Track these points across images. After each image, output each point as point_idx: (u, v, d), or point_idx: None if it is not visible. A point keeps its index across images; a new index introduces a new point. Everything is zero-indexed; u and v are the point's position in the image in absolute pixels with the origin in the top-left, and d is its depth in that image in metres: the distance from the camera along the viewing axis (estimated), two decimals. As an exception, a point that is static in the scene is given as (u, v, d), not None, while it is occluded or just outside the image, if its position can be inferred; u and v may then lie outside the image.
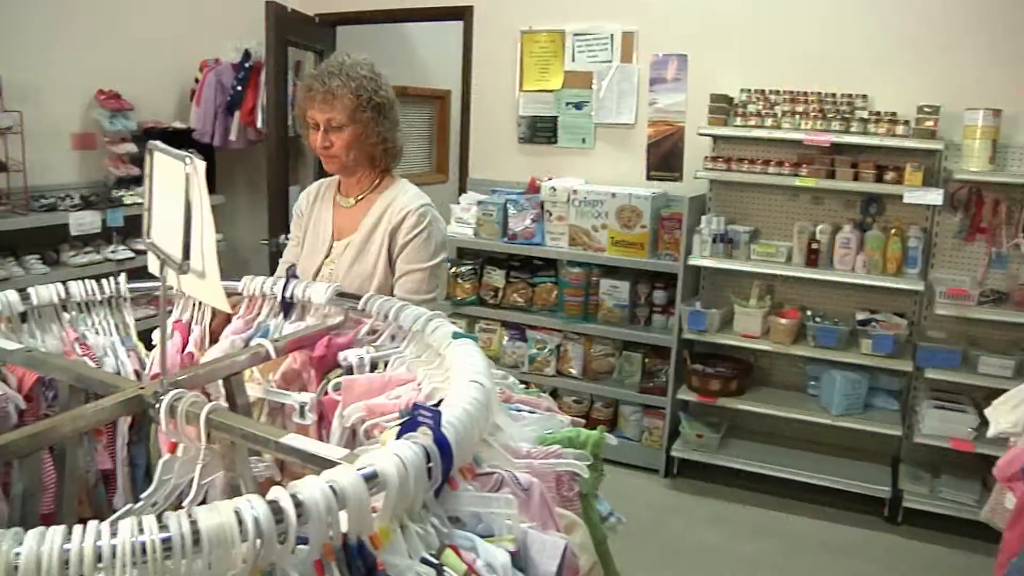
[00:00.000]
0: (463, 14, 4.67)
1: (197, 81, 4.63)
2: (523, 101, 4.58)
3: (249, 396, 1.63)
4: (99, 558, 0.79)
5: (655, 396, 4.12)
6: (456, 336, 1.46)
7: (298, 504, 0.87)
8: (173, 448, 1.32)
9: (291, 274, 1.85)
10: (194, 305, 1.87)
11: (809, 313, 3.92)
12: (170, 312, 1.88)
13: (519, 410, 1.44)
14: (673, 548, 3.49)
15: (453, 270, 4.62)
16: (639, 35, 4.22)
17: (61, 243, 4.04)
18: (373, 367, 1.66)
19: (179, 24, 4.65)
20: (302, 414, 1.58)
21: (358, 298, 1.77)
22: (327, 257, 2.30)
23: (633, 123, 4.29)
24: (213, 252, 1.18)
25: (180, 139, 4.49)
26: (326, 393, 1.59)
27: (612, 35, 4.26)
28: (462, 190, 4.88)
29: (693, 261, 3.90)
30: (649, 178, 4.28)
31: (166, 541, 0.81)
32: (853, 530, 3.69)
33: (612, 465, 4.22)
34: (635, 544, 3.40)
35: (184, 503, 1.28)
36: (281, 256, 2.44)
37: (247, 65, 4.53)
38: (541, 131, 4.58)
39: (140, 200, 4.09)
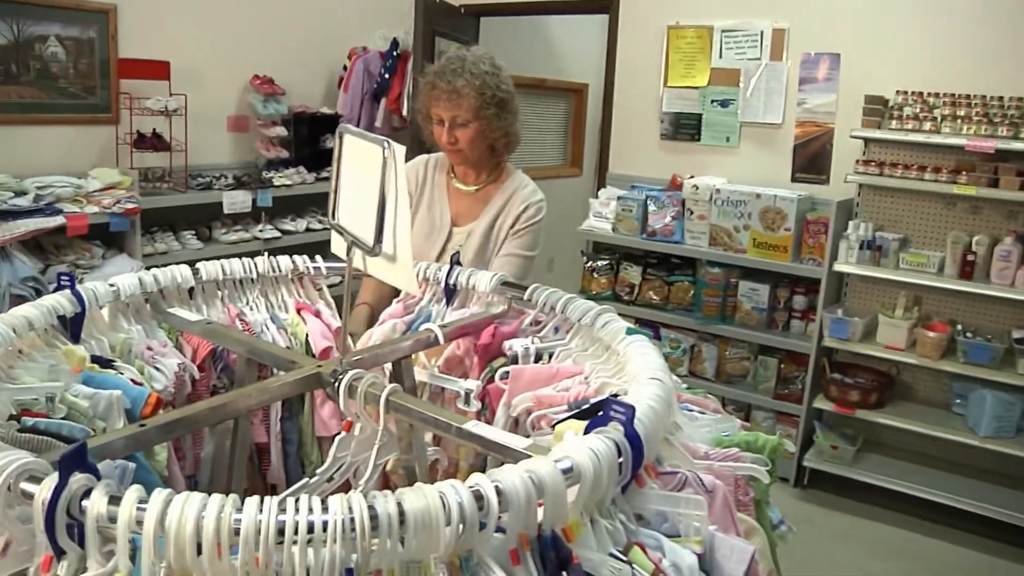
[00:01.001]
0: (608, 7, 4.62)
1: (345, 68, 4.76)
2: (667, 97, 4.51)
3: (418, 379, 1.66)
4: (311, 529, 0.81)
5: (790, 403, 3.99)
6: (630, 332, 1.43)
7: (499, 492, 0.87)
8: (349, 427, 1.35)
9: (455, 261, 1.86)
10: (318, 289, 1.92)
11: (960, 328, 3.70)
12: (348, 294, 1.93)
13: (690, 410, 1.41)
14: (800, 561, 3.36)
15: (588, 264, 4.61)
16: (790, 32, 4.07)
17: (214, 220, 4.24)
18: (538, 358, 1.66)
19: (331, 13, 4.80)
20: (467, 401, 1.59)
21: (523, 288, 1.77)
22: (447, 243, 2.32)
23: (780, 123, 4.15)
24: (407, 236, 1.19)
25: (327, 124, 4.65)
26: (491, 380, 1.60)
27: (762, 32, 4.13)
28: (600, 185, 4.86)
29: (838, 267, 3.74)
30: (794, 180, 4.14)
31: (374, 520, 0.82)
32: (994, 560, 3.47)
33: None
34: (764, 555, 3.30)
35: (360, 482, 1.31)
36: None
37: (395, 54, 4.64)
38: (684, 128, 4.49)
39: (289, 182, 4.26)
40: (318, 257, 1.98)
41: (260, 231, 4.31)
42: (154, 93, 3.87)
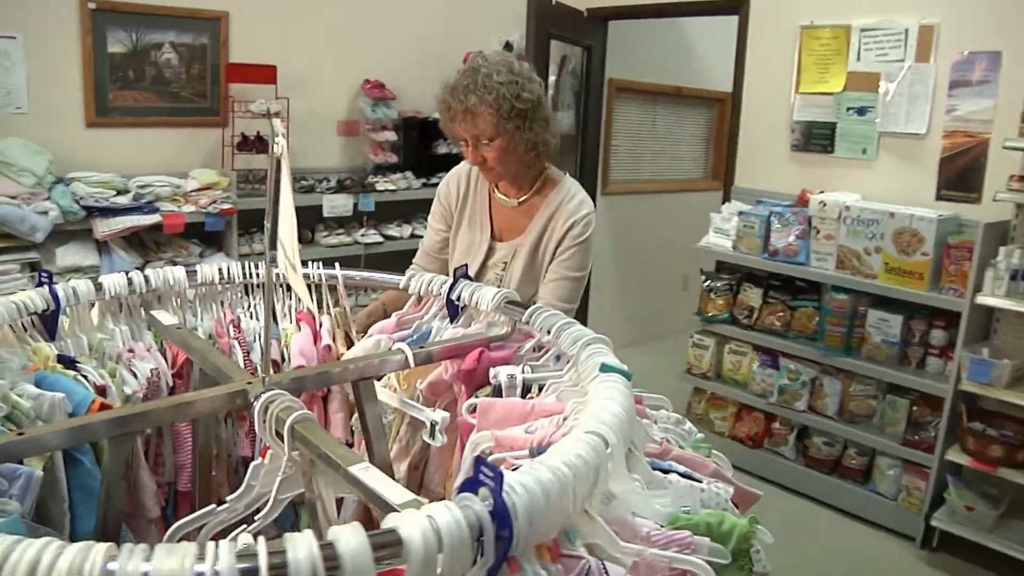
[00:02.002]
0: (738, 8, 4.28)
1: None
2: (799, 104, 4.10)
3: (388, 405, 1.48)
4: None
5: (920, 452, 3.49)
6: (605, 369, 1.18)
7: (275, 566, 0.67)
8: (265, 453, 1.19)
9: (460, 274, 1.67)
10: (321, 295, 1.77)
11: None
12: (268, 311, 1.79)
13: (668, 470, 1.14)
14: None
15: (707, 283, 4.29)
16: (940, 29, 3.58)
17: (318, 223, 4.25)
18: (526, 389, 1.44)
19: (446, 16, 4.73)
20: (432, 434, 1.39)
21: (524, 308, 1.55)
22: (488, 259, 2.17)
23: (924, 133, 3.66)
24: (293, 242, 1.04)
25: (436, 130, 4.57)
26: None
27: (907, 30, 3.66)
28: (725, 199, 4.51)
29: (982, 299, 3.23)
30: (940, 197, 3.63)
31: None
32: None
33: (859, 523, 3.69)
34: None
35: (257, 517, 1.14)
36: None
37: (507, 58, 4.49)
38: (817, 138, 4.07)
39: (392, 187, 4.21)
40: (336, 265, 1.85)
41: (362, 235, 4.28)
42: (262, 97, 3.91)
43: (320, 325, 1.76)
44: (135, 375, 1.58)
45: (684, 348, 4.44)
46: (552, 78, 4.58)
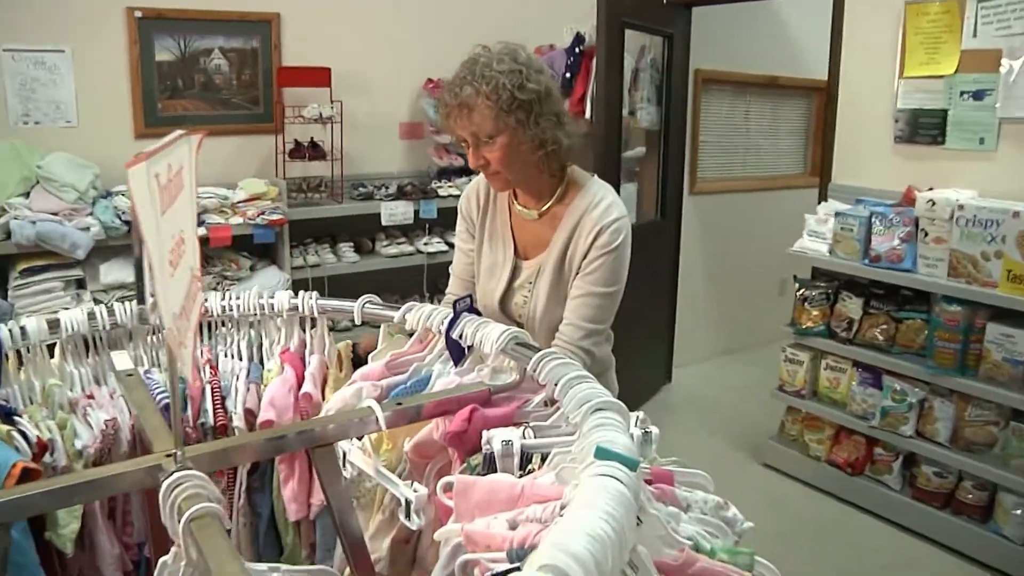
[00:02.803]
0: (834, -15, 3.84)
1: (530, 69, 4.39)
2: (903, 90, 3.64)
3: (359, 472, 1.22)
4: None
5: (1052, 491, 3.01)
6: (602, 454, 0.88)
7: None
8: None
9: (462, 308, 1.39)
10: (306, 327, 1.52)
11: None
12: (174, 374, 1.54)
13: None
14: None
15: (800, 292, 3.88)
16: (1079, -6, 3.08)
17: (379, 233, 4.05)
18: (527, 459, 1.15)
19: (514, 8, 4.46)
20: (407, 514, 1.11)
21: (534, 350, 1.26)
22: (513, 280, 1.90)
23: (1057, 117, 3.16)
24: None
25: (508, 130, 4.32)
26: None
27: (1036, -2, 3.16)
28: (822, 197, 4.08)
29: None
30: (1074, 193, 3.13)
31: None
32: None
33: (977, 567, 3.21)
34: None
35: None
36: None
37: (578, 50, 4.18)
38: (925, 128, 3.60)
39: (456, 192, 3.97)
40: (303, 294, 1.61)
41: (425, 244, 4.06)
42: (318, 101, 3.74)
43: (307, 366, 1.52)
44: (92, 426, 1.38)
45: (779, 360, 4.05)
46: (628, 71, 4.23)
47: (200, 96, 3.64)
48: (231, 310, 1.54)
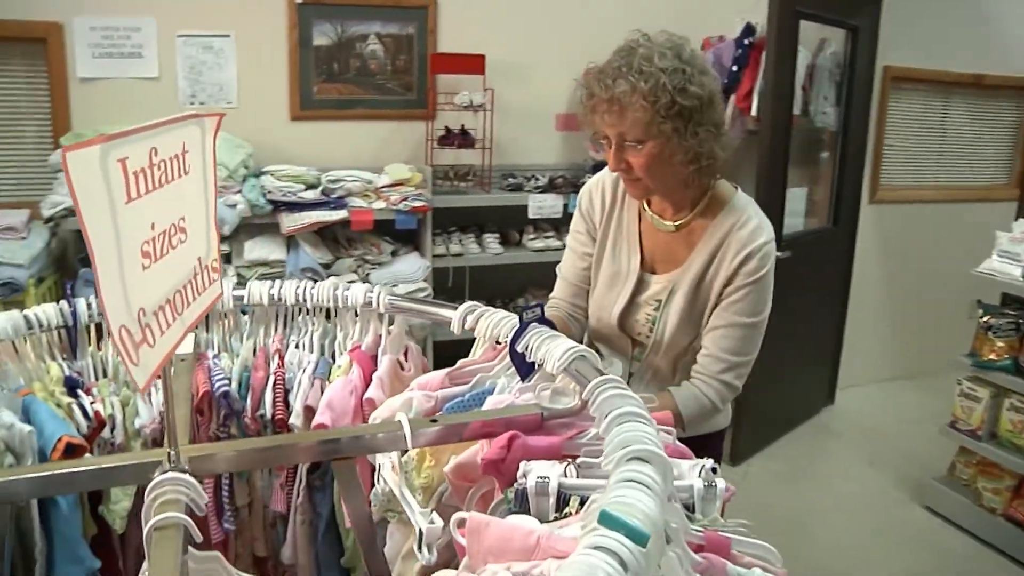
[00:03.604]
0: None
1: (697, 61, 4.15)
2: None
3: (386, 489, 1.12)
4: None
5: None
6: (606, 520, 0.73)
7: None
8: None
9: (531, 318, 1.25)
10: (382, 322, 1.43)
11: None
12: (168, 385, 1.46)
13: None
14: None
15: (985, 319, 3.44)
16: None
17: (527, 225, 3.96)
18: (564, 501, 1.01)
19: (682, -2, 4.23)
20: (419, 546, 1.01)
21: (597, 374, 1.12)
22: (637, 295, 1.72)
23: None
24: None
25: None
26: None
27: None
28: (1021, 213, 3.61)
29: None
30: None
31: None
32: None
33: None
34: None
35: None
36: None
37: (747, 42, 3.89)
38: None
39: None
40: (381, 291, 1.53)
41: (572, 240, 3.93)
42: (471, 88, 3.70)
43: (378, 367, 1.44)
44: (152, 406, 1.37)
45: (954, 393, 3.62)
46: (802, 66, 3.90)
47: (355, 80, 3.68)
48: (304, 299, 1.49)
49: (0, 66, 3.28)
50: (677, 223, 1.69)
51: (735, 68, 3.90)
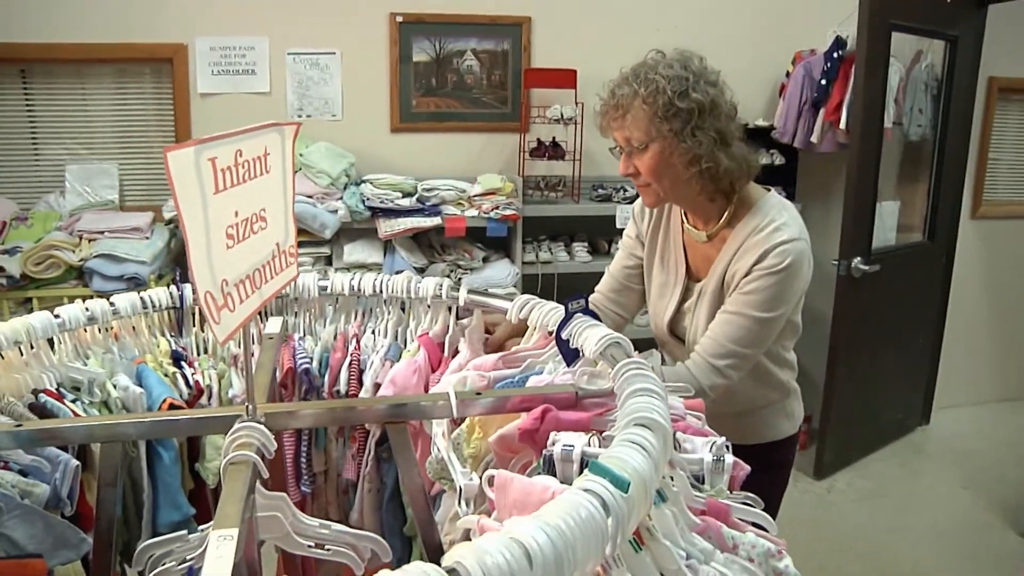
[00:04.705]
0: None
1: (788, 75, 4.16)
2: None
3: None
4: None
5: None
6: (595, 469, 0.85)
7: None
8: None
9: (576, 309, 1.37)
10: (452, 311, 1.56)
11: None
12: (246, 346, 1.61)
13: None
14: None
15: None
16: None
17: (616, 235, 4.07)
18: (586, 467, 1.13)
19: (766, 11, 4.24)
20: (459, 501, 1.15)
21: (628, 356, 1.24)
22: (684, 301, 1.82)
23: None
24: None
25: (760, 137, 4.14)
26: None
27: None
28: None
29: None
30: None
31: None
32: None
33: None
34: None
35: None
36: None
37: (837, 55, 3.88)
38: None
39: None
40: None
41: (657, 249, 4.01)
42: (563, 102, 3.84)
43: (455, 354, 1.58)
44: (244, 379, 1.56)
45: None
46: (895, 78, 3.86)
47: (452, 94, 3.89)
48: (381, 291, 1.65)
49: (133, 83, 3.65)
50: (708, 233, 1.77)
51: (824, 81, 3.90)
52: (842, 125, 3.85)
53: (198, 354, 1.62)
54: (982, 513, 3.73)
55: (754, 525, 1.07)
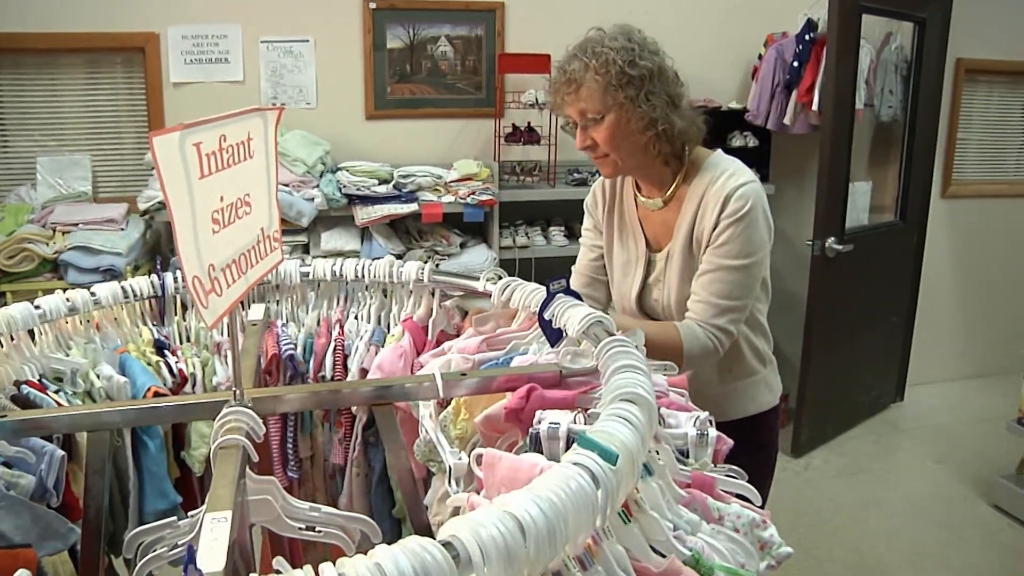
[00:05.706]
0: None
1: (760, 57, 4.20)
2: None
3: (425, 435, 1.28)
4: None
5: None
6: (584, 443, 0.87)
7: None
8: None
9: (557, 289, 1.39)
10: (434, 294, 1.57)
11: None
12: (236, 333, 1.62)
13: None
14: None
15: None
16: None
17: (589, 219, 4.09)
18: (572, 444, 1.15)
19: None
20: (448, 480, 1.16)
21: (609, 335, 1.25)
22: (648, 275, 1.83)
23: None
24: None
25: (733, 120, 4.18)
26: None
27: None
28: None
29: None
30: None
31: None
32: None
33: None
34: None
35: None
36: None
37: (808, 37, 3.92)
38: None
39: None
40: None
41: (631, 233, 4.04)
42: (537, 87, 3.85)
43: (439, 338, 1.59)
44: (228, 366, 1.56)
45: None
46: (866, 60, 3.91)
47: (426, 81, 3.88)
48: (363, 276, 1.66)
49: (104, 73, 3.60)
50: (664, 198, 1.79)
51: (796, 63, 3.94)
52: (814, 107, 3.89)
53: (181, 342, 1.62)
54: (955, 486, 3.81)
55: (738, 496, 1.09)
